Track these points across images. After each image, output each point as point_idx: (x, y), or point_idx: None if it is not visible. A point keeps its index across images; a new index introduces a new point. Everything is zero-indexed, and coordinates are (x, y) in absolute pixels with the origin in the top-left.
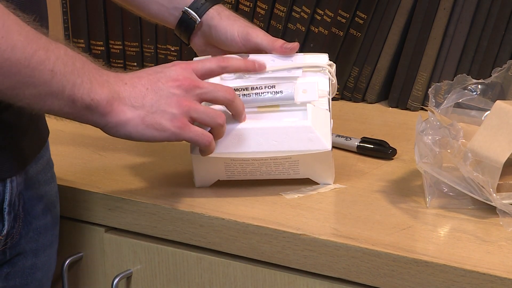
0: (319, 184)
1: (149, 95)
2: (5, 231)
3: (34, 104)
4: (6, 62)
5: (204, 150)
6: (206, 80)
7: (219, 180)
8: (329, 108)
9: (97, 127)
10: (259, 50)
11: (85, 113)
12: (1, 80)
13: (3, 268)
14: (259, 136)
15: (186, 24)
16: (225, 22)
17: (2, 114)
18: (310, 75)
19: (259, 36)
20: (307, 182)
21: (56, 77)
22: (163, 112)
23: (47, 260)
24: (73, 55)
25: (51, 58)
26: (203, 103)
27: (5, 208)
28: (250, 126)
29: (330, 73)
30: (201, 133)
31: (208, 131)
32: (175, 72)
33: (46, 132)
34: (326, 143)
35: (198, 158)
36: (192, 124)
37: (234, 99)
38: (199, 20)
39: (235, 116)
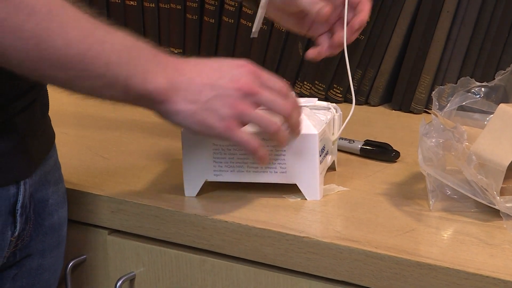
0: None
1: (206, 91)
2: (16, 233)
3: (89, 94)
4: (61, 58)
5: (254, 156)
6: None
7: (218, 185)
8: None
9: (150, 110)
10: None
11: (139, 100)
12: (57, 74)
13: (12, 269)
14: None
15: None
16: None
17: (13, 118)
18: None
19: None
20: None
21: (110, 69)
22: (215, 111)
23: (54, 261)
24: (130, 44)
25: (106, 51)
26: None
27: (17, 209)
28: None
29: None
30: (247, 139)
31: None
32: (239, 74)
33: (53, 133)
34: (313, 129)
35: (188, 138)
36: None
37: (291, 114)
38: None
39: (291, 129)
